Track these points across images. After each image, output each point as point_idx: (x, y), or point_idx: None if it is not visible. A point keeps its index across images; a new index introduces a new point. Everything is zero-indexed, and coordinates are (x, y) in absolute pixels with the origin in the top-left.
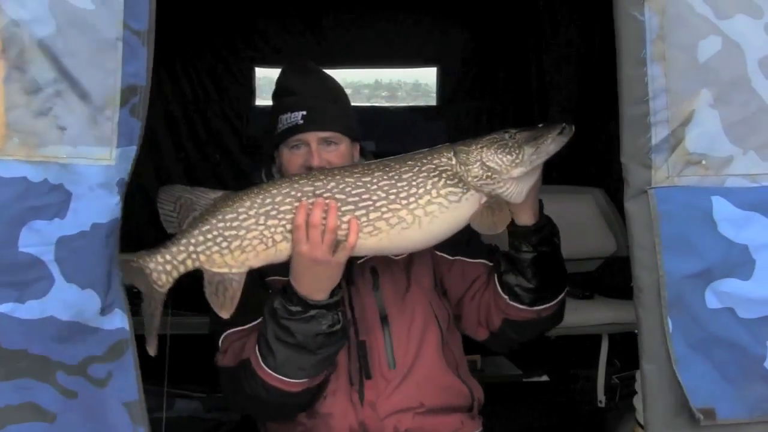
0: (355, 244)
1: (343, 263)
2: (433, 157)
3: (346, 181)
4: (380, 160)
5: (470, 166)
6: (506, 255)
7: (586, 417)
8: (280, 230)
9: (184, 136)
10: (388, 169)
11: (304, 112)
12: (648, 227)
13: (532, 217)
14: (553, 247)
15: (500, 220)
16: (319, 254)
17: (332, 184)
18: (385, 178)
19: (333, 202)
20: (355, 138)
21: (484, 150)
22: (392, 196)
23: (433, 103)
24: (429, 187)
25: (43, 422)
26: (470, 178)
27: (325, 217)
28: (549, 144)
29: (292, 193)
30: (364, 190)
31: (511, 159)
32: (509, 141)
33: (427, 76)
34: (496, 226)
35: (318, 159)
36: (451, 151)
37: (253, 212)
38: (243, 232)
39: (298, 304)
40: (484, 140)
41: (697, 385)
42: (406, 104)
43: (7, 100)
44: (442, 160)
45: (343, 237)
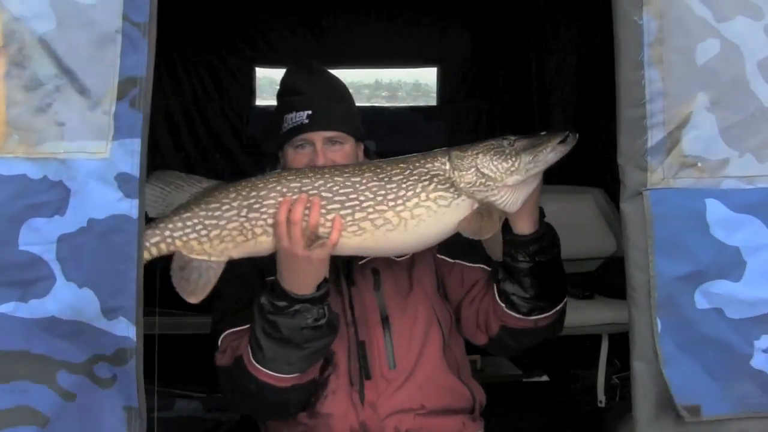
0: (337, 242)
1: (326, 259)
2: (427, 161)
3: (335, 180)
4: (375, 161)
5: (464, 172)
6: (503, 263)
7: (586, 417)
8: (260, 224)
9: (184, 136)
10: (379, 171)
11: (310, 112)
12: (642, 228)
13: (531, 226)
14: (552, 257)
15: (487, 226)
16: (299, 251)
17: (320, 182)
18: (375, 179)
19: (317, 199)
20: (359, 138)
21: (480, 156)
22: (380, 198)
23: (433, 103)
24: (418, 190)
25: (36, 426)
26: (463, 184)
27: (308, 213)
28: (548, 153)
29: (278, 188)
30: (351, 189)
31: (507, 166)
32: (507, 148)
33: (427, 76)
34: (482, 232)
35: (323, 159)
36: (446, 156)
37: (236, 204)
38: (223, 222)
39: (283, 299)
40: (481, 146)
41: (683, 383)
42: (406, 104)
43: (8, 97)
44: (435, 164)
45: (325, 234)
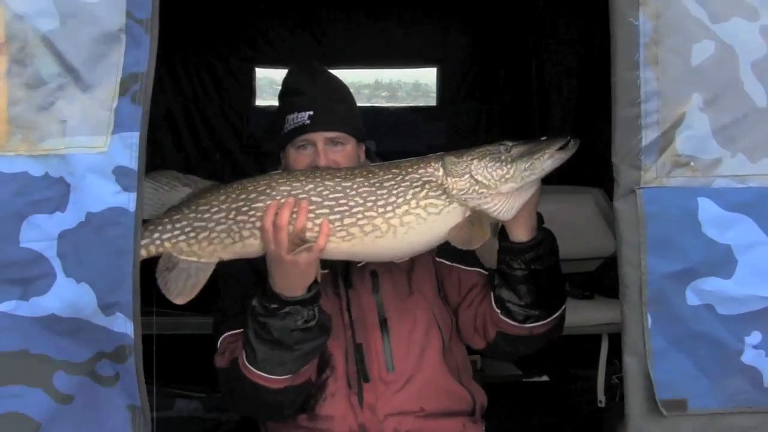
0: (325, 247)
1: (315, 262)
2: (419, 167)
3: (326, 184)
4: (368, 165)
5: (457, 178)
6: (499, 270)
7: (586, 417)
8: (248, 226)
9: (184, 136)
10: (370, 176)
11: (311, 113)
12: (635, 226)
13: (527, 233)
14: (549, 265)
15: (476, 236)
16: (285, 255)
17: (310, 186)
18: (366, 184)
19: (304, 203)
20: (361, 139)
21: (474, 162)
22: (369, 203)
23: (433, 103)
24: (409, 197)
25: None
26: (455, 191)
27: (295, 218)
28: (545, 160)
29: (267, 191)
30: (342, 194)
31: (501, 174)
32: (503, 154)
33: (427, 76)
34: (471, 242)
35: (324, 159)
36: (439, 162)
37: (225, 206)
38: (212, 225)
39: (273, 302)
40: (476, 151)
41: (671, 378)
42: (406, 104)
43: (10, 96)
44: (428, 170)
45: (312, 239)
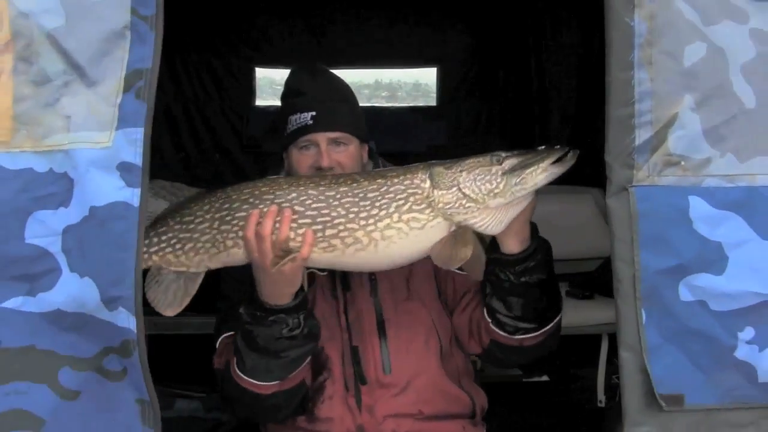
0: (308, 257)
1: (299, 271)
2: (405, 178)
3: (309, 193)
4: (354, 173)
5: (444, 191)
6: (489, 280)
7: (586, 417)
8: (232, 236)
9: (184, 136)
10: (355, 185)
11: (314, 113)
12: (627, 223)
13: (518, 245)
14: (540, 279)
15: (458, 255)
16: (269, 264)
17: (293, 195)
18: (350, 194)
19: (287, 211)
20: (364, 139)
21: (463, 174)
22: (351, 215)
23: (433, 103)
24: (391, 210)
25: (28, 430)
26: (441, 204)
27: (278, 227)
28: (537, 175)
29: (251, 200)
30: (324, 204)
31: (490, 188)
32: (493, 167)
33: (427, 76)
34: (452, 261)
35: (328, 159)
36: (427, 172)
37: (209, 216)
38: (197, 235)
39: (259, 310)
40: (466, 163)
41: (667, 373)
42: (406, 104)
43: (16, 93)
44: (414, 181)
45: (296, 248)
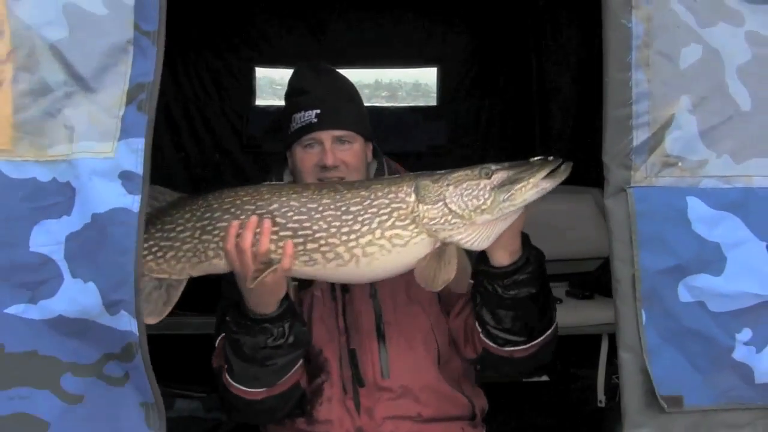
0: (290, 268)
1: (281, 281)
2: (390, 191)
3: (291, 204)
4: (339, 183)
5: (429, 206)
6: (478, 291)
7: (586, 417)
8: (213, 246)
9: (184, 136)
10: (338, 198)
11: (318, 111)
12: (626, 224)
13: (507, 257)
14: (531, 292)
15: (441, 276)
16: (249, 281)
17: (275, 206)
18: (332, 207)
19: (267, 222)
20: (368, 137)
21: (450, 188)
22: (333, 230)
23: (433, 103)
24: (374, 226)
25: None
26: (426, 220)
27: (258, 239)
28: (527, 191)
29: (232, 210)
30: (306, 217)
31: (477, 204)
32: (482, 181)
33: (427, 76)
34: (435, 283)
35: (332, 158)
36: (412, 186)
37: (190, 224)
38: (178, 244)
39: (245, 318)
40: (453, 176)
41: (666, 374)
42: (406, 104)
43: (16, 102)
44: (399, 195)
45: (277, 259)
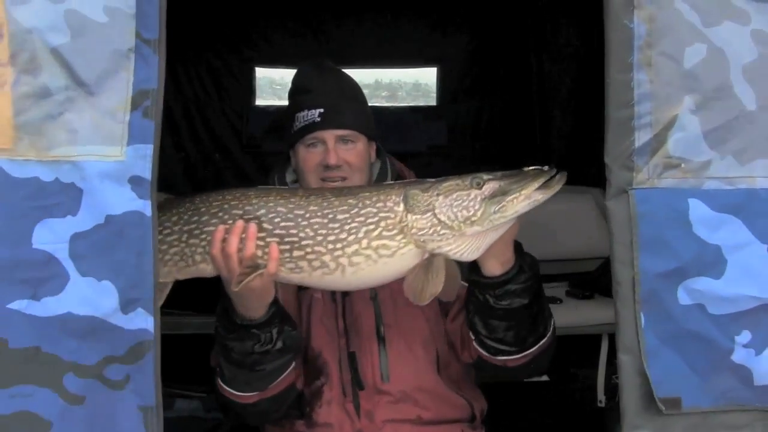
0: (276, 274)
1: (268, 285)
2: (378, 200)
3: (278, 210)
4: (328, 189)
5: (418, 216)
6: (470, 300)
7: (586, 417)
8: (200, 251)
9: (184, 136)
10: (325, 205)
11: (322, 110)
12: (627, 226)
13: (499, 267)
14: (524, 302)
15: (429, 289)
16: (234, 281)
17: (262, 211)
18: (319, 215)
19: (253, 227)
20: (372, 137)
21: (440, 198)
22: (319, 238)
23: (433, 103)
24: (360, 236)
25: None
26: (414, 230)
27: (243, 245)
28: (519, 202)
29: (219, 214)
30: (293, 224)
31: (467, 215)
32: (472, 191)
33: (427, 76)
34: (422, 296)
35: (335, 157)
36: (401, 195)
37: (177, 228)
38: (165, 247)
39: (233, 323)
40: (444, 186)
41: (665, 376)
42: (406, 104)
43: (16, 105)
44: (387, 204)
45: (263, 264)
